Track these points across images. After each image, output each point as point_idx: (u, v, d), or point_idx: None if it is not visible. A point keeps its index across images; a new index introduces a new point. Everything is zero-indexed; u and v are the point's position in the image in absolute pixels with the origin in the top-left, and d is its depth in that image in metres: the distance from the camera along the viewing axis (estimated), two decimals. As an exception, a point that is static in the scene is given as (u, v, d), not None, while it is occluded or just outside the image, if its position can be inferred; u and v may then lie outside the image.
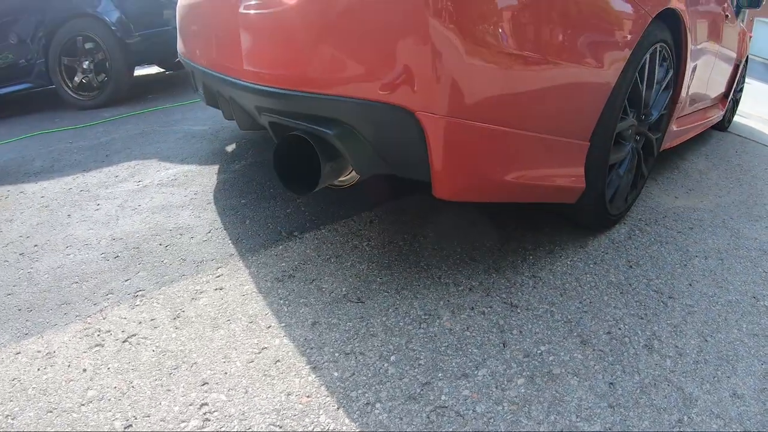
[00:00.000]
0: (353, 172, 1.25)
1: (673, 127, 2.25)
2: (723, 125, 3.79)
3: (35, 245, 1.56)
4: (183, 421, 0.91)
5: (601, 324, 1.29)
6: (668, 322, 1.37)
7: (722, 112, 3.49)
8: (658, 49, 1.68)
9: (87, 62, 3.73)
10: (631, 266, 1.62)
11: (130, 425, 0.91)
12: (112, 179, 2.11)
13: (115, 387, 0.99)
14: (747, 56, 3.93)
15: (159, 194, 1.91)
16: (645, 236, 1.87)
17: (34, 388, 0.99)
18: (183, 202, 1.82)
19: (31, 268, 1.42)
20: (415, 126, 0.99)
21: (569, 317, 1.29)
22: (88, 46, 3.73)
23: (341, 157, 1.11)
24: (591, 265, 1.57)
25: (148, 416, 0.93)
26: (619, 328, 1.30)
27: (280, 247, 1.47)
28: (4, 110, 3.76)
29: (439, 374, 0.97)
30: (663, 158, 2.63)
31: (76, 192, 1.98)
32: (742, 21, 3.73)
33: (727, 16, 2.73)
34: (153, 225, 1.65)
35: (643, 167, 1.93)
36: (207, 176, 2.09)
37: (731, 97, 3.71)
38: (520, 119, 1.17)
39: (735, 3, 3.06)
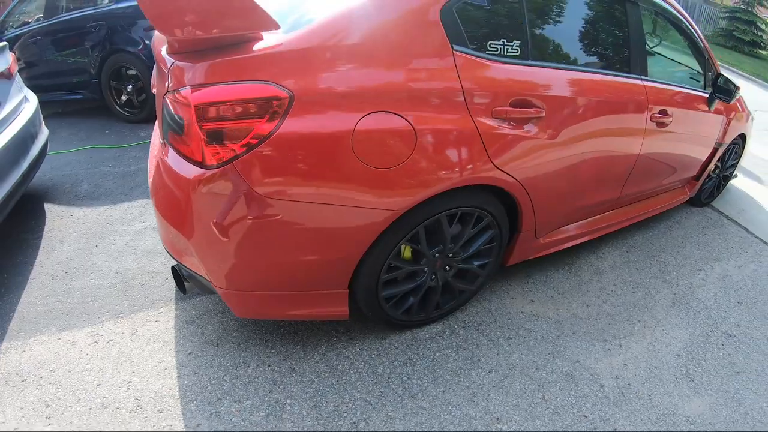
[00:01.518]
0: None
1: (541, 241, 2.31)
2: (699, 202, 3.82)
3: (75, 267, 2.90)
4: (119, 387, 2.23)
5: (336, 399, 1.79)
6: (388, 414, 1.63)
7: (689, 194, 3.51)
8: (444, 219, 1.88)
9: (130, 86, 5.00)
10: (406, 364, 1.87)
11: (100, 384, 2.24)
12: (128, 216, 3.43)
13: (98, 366, 2.32)
14: (744, 134, 3.82)
15: (150, 238, 3.21)
16: (450, 338, 2.02)
17: (64, 359, 2.33)
18: (162, 249, 3.13)
19: (71, 285, 2.76)
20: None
21: (320, 388, 1.92)
22: (130, 72, 4.97)
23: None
24: (373, 356, 1.99)
25: (108, 382, 2.25)
26: (347, 406, 1.74)
27: (197, 299, 2.76)
28: (72, 106, 5.08)
29: (228, 396, 2.23)
30: (568, 249, 2.40)
31: (104, 224, 3.31)
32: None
33: (665, 124, 2.61)
34: (140, 266, 2.96)
35: (460, 285, 2.13)
36: (182, 227, 3.37)
37: (719, 174, 3.82)
38: (278, 286, 1.88)
39: (709, 94, 3.10)
